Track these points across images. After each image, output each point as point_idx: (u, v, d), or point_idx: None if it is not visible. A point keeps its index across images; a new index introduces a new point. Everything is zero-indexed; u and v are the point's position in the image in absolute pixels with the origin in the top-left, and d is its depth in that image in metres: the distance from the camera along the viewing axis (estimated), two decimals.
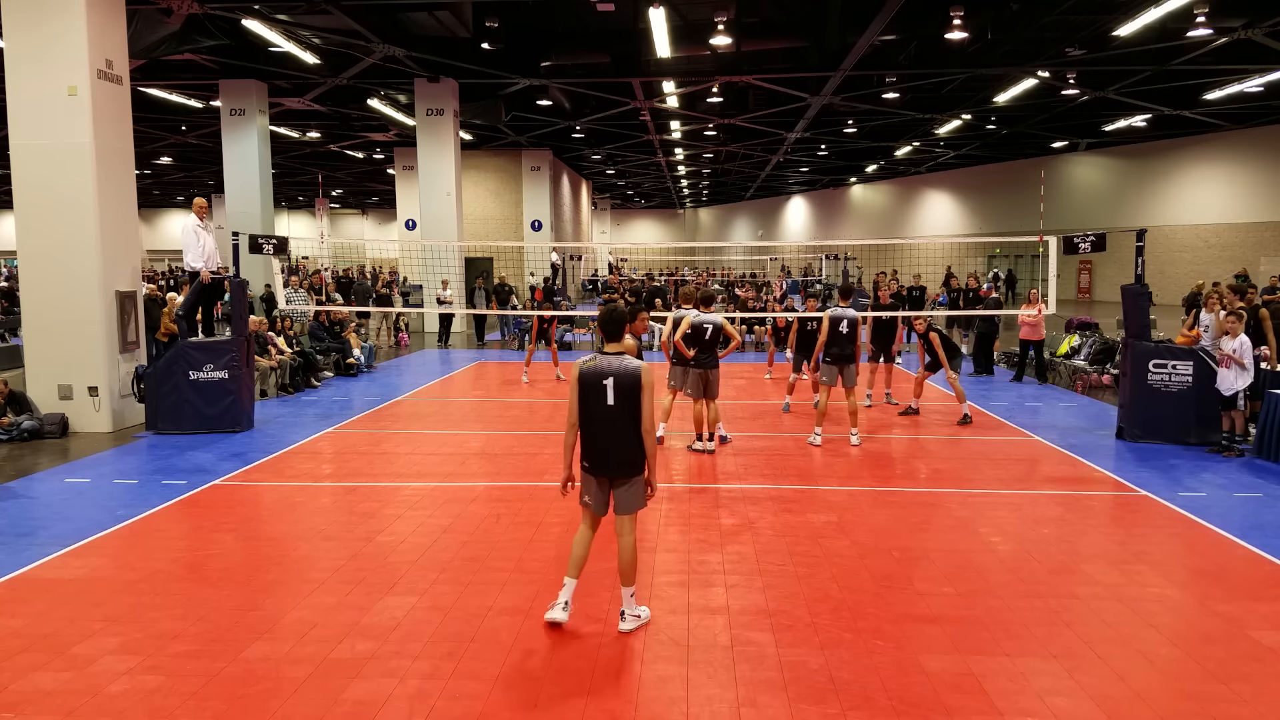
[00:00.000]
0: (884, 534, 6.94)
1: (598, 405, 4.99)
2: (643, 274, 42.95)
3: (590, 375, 5.00)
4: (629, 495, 5.12)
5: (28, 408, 10.82)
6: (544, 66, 21.22)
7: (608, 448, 5.02)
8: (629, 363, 5.01)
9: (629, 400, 4.97)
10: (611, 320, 5.10)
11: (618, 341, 5.11)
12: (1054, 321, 16.33)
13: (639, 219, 70.24)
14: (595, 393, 4.98)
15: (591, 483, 5.13)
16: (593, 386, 4.99)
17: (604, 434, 5.01)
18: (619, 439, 5.01)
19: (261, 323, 14.32)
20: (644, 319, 7.79)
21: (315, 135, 31.06)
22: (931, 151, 37.23)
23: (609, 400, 4.96)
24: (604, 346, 5.12)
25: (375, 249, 52.23)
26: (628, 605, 5.18)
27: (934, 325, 11.87)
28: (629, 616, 5.16)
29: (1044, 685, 4.50)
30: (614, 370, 4.98)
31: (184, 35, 16.20)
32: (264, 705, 4.31)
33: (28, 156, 10.92)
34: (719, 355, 9.78)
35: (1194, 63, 19.99)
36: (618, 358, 5.03)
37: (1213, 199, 31.37)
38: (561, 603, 5.14)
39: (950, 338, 12.34)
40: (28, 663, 4.75)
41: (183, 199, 53.86)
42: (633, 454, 5.05)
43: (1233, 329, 9.56)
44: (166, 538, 6.94)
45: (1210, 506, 7.68)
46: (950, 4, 15.83)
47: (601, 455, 5.04)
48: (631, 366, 5.00)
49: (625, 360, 5.02)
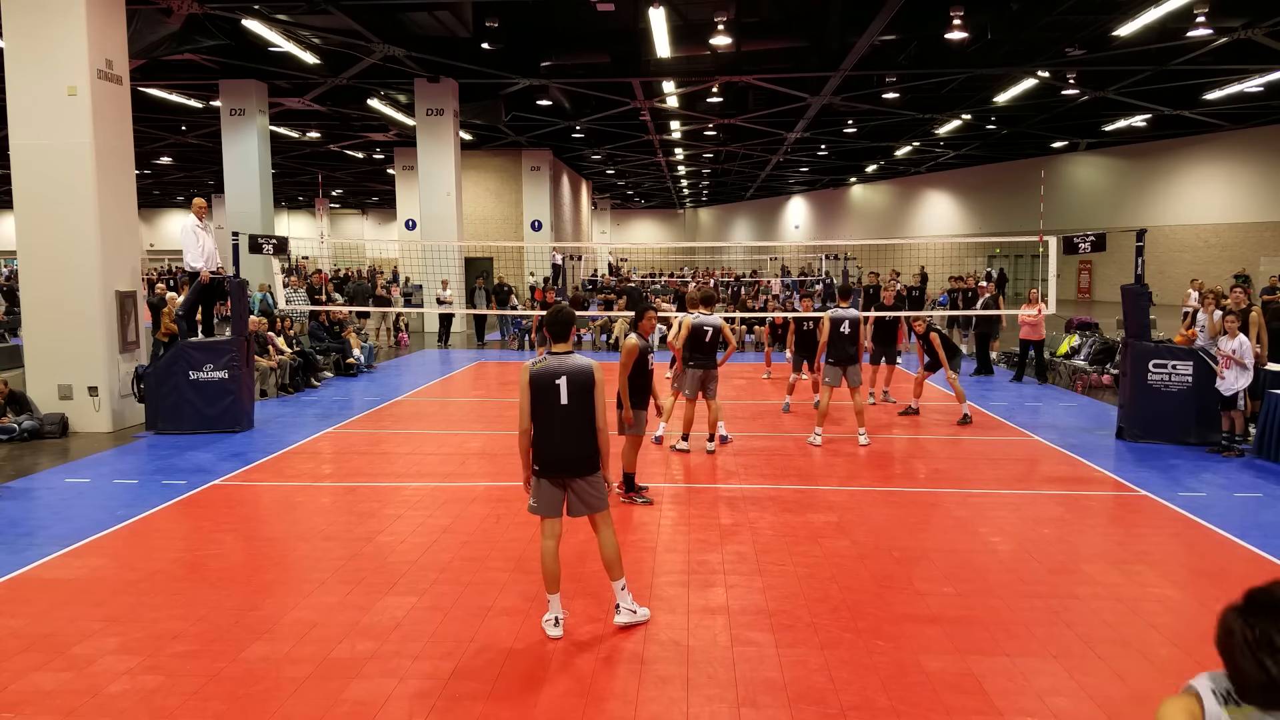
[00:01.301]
0: (884, 534, 6.94)
1: (552, 405, 4.97)
2: (643, 274, 42.96)
3: (542, 376, 4.97)
4: (594, 493, 5.10)
5: (28, 408, 10.82)
6: (544, 66, 21.22)
7: (566, 447, 5.00)
8: (580, 361, 5.03)
9: (583, 398, 4.98)
10: (558, 321, 5.09)
11: (564, 341, 5.10)
12: (1054, 321, 16.33)
13: (639, 219, 70.22)
14: (548, 393, 4.96)
15: (544, 486, 5.06)
16: (545, 387, 4.96)
17: (562, 434, 4.99)
18: (577, 437, 5.01)
19: (261, 323, 14.32)
20: (651, 319, 7.78)
21: (315, 135, 31.06)
22: (931, 151, 37.24)
23: (563, 400, 4.96)
24: (552, 347, 5.09)
25: (375, 249, 52.23)
26: (621, 598, 5.20)
27: (934, 325, 11.87)
28: (624, 609, 5.18)
29: (1044, 685, 4.50)
30: (566, 369, 4.98)
31: (184, 35, 16.19)
32: (264, 705, 4.31)
33: (28, 156, 10.92)
34: (717, 359, 9.76)
35: (1194, 63, 19.99)
36: (568, 356, 5.03)
37: (1213, 199, 31.37)
38: (552, 619, 5.09)
39: (950, 338, 12.34)
40: (28, 663, 4.75)
41: (183, 199, 53.84)
42: (592, 450, 5.06)
43: (1231, 329, 9.56)
44: (166, 538, 6.94)
45: (1210, 506, 7.68)
46: (950, 4, 15.82)
47: (559, 456, 5.00)
48: (583, 364, 5.01)
49: (575, 359, 5.03)
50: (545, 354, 5.08)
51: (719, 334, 9.63)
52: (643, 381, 7.62)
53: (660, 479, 8.65)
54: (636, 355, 7.45)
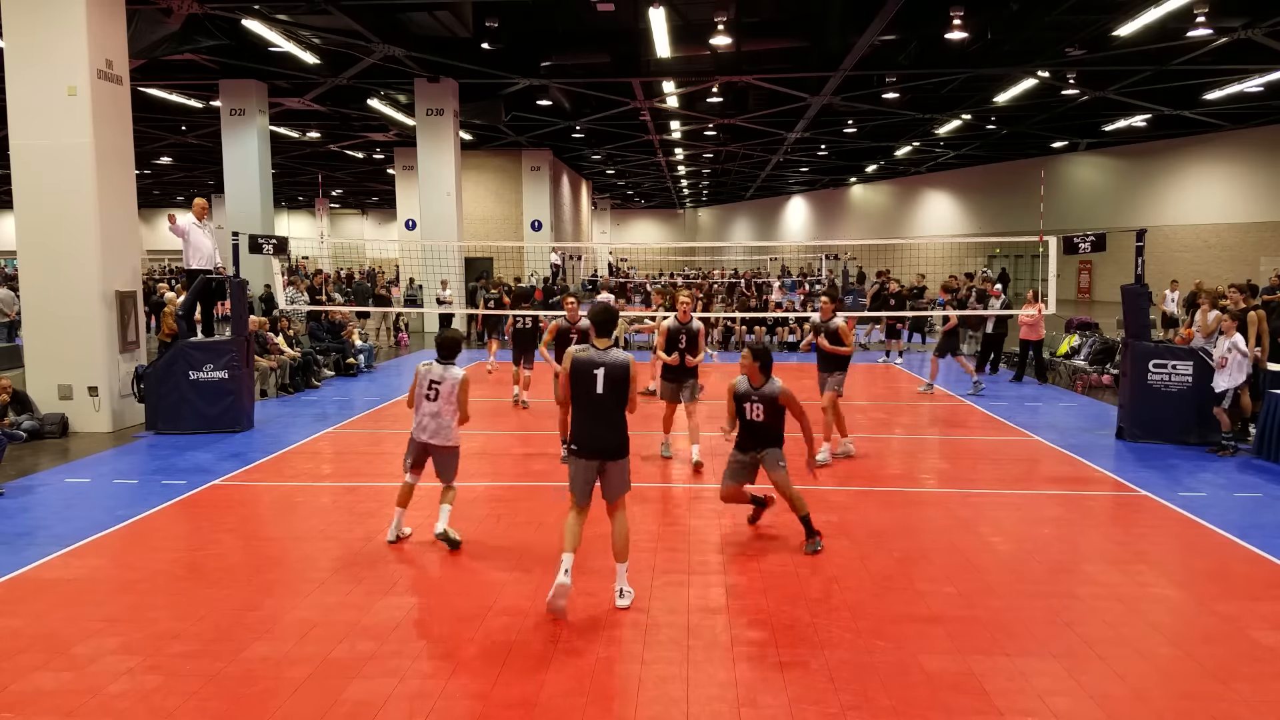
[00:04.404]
0: (884, 534, 6.94)
1: (589, 392, 5.35)
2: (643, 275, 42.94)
3: (583, 364, 5.37)
4: (620, 476, 5.43)
5: (28, 408, 10.81)
6: (544, 66, 21.21)
7: (600, 432, 5.37)
8: (618, 355, 5.41)
9: (617, 389, 5.36)
10: (604, 320, 5.52)
11: (607, 337, 5.50)
12: (1054, 321, 16.31)
13: (639, 219, 70.19)
14: (586, 380, 5.35)
15: (579, 466, 5.40)
16: (584, 375, 5.35)
17: (595, 419, 5.37)
18: (609, 424, 5.38)
19: (262, 323, 14.32)
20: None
21: (315, 135, 31.06)
22: (931, 151, 37.22)
23: (599, 389, 5.33)
24: (595, 341, 5.48)
25: (375, 249, 52.21)
26: (621, 581, 5.48)
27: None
28: (625, 593, 5.47)
29: (1044, 685, 4.50)
30: (605, 362, 5.36)
31: (184, 35, 16.20)
32: (264, 705, 4.30)
33: (28, 156, 10.91)
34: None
35: (1194, 63, 19.98)
36: (607, 351, 5.41)
37: (1213, 199, 31.35)
38: (563, 569, 5.23)
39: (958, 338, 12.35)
40: (28, 663, 4.75)
41: (183, 199, 53.81)
42: (622, 436, 5.43)
43: (1228, 329, 9.56)
44: (166, 538, 6.94)
45: (1210, 506, 7.68)
46: (950, 4, 15.81)
47: (592, 439, 5.37)
48: (621, 359, 5.40)
49: (614, 353, 5.42)
50: (588, 345, 5.48)
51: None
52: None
53: (661, 479, 8.65)
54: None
